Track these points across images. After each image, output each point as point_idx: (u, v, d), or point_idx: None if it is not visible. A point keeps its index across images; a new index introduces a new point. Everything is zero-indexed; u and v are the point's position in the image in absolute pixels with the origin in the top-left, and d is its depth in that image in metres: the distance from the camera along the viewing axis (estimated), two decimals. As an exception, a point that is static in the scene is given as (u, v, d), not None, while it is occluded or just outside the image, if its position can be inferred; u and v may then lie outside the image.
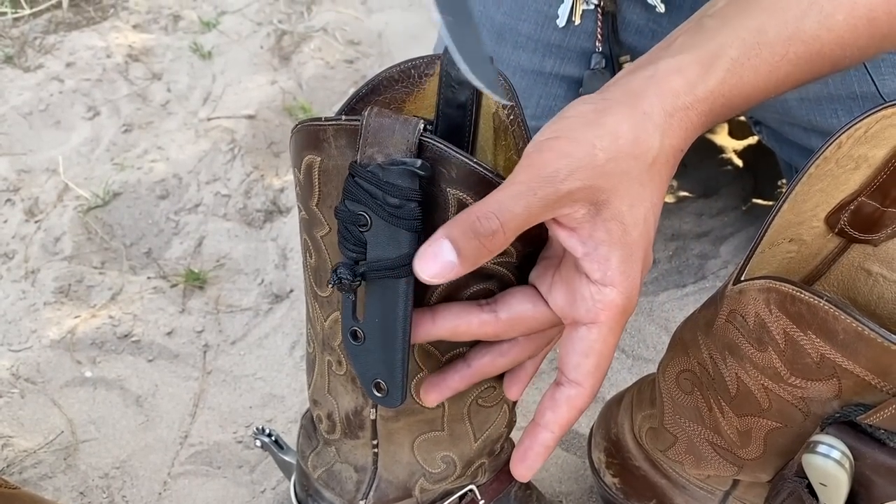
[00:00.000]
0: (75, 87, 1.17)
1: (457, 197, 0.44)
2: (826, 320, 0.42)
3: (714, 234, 1.02)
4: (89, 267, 0.96)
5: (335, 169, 0.46)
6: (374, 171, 0.43)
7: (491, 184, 0.43)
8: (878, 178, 0.52)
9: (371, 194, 0.43)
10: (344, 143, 0.45)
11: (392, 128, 0.43)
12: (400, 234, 0.43)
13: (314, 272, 0.52)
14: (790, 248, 0.56)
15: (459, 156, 0.43)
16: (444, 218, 0.44)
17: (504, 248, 0.41)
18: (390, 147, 0.43)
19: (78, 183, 1.04)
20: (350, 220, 0.44)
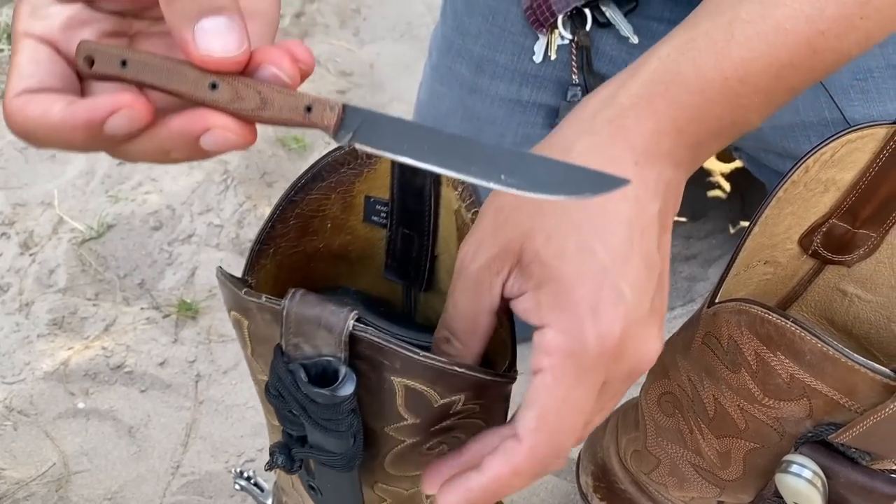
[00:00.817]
0: (71, 121, 1.19)
1: (402, 384, 0.40)
2: (793, 341, 0.43)
3: (702, 257, 1.03)
4: (83, 299, 0.97)
5: (265, 337, 0.42)
6: (296, 374, 0.38)
7: (441, 370, 0.39)
8: (848, 201, 0.53)
9: (297, 400, 0.39)
10: (270, 318, 0.40)
11: (317, 321, 0.38)
12: (333, 440, 0.40)
13: (261, 400, 0.49)
14: (766, 270, 0.57)
15: (400, 349, 0.38)
16: (391, 402, 0.41)
17: (472, 354, 0.39)
18: (317, 340, 0.38)
19: (73, 215, 1.06)
20: (282, 406, 0.41)
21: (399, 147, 0.32)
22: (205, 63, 0.32)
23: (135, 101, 0.32)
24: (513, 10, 0.80)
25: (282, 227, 0.48)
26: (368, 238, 0.54)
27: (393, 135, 0.32)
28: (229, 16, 0.32)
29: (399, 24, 1.41)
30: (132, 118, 0.32)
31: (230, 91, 0.33)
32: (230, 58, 0.32)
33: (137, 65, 0.34)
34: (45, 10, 0.35)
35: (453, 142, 0.31)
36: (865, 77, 0.72)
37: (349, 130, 0.33)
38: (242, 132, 0.33)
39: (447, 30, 0.90)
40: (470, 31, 0.84)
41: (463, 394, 0.41)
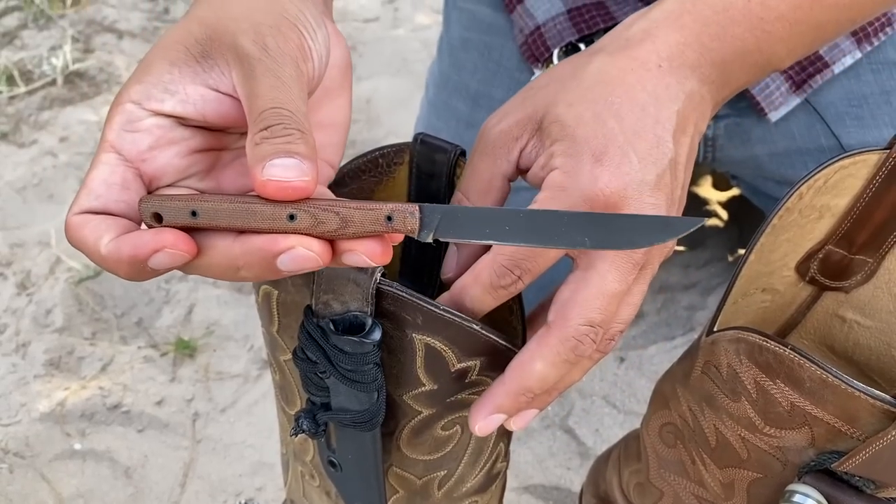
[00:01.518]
0: (69, 160, 1.19)
1: (424, 342, 0.42)
2: (792, 368, 0.42)
3: (701, 286, 1.03)
4: (80, 338, 0.96)
5: (293, 304, 0.45)
6: (326, 327, 0.41)
7: (460, 328, 0.41)
8: (843, 227, 0.53)
9: (324, 351, 0.42)
10: (300, 281, 0.43)
11: (346, 276, 0.41)
12: (358, 393, 0.43)
13: (280, 389, 0.52)
14: (764, 297, 0.57)
15: (423, 302, 0.41)
16: (412, 364, 0.43)
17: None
18: (346, 295, 0.41)
19: (70, 255, 1.06)
20: (309, 369, 0.43)
21: (481, 233, 0.34)
22: (266, 187, 0.33)
23: (177, 242, 0.33)
24: (508, 45, 0.81)
25: None
26: None
27: (472, 223, 0.34)
28: (301, 159, 0.33)
29: (395, 59, 1.43)
30: (174, 257, 0.33)
31: (309, 218, 0.33)
32: (290, 183, 0.33)
33: (209, 212, 0.34)
34: (138, 122, 0.35)
35: (530, 218, 0.33)
36: (860, 103, 0.73)
37: (430, 229, 0.34)
38: (322, 251, 0.34)
39: (443, 65, 0.91)
40: (466, 67, 0.85)
41: (478, 359, 0.43)
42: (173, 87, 0.36)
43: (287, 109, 0.34)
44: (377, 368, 0.42)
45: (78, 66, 1.37)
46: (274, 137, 0.33)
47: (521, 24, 0.78)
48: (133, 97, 0.35)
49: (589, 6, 0.75)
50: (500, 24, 0.82)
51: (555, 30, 0.75)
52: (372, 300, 0.41)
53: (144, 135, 0.35)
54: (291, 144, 0.33)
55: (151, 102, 0.35)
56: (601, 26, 0.74)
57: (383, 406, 0.44)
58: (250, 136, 0.34)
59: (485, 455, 0.54)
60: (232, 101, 0.37)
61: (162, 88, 0.36)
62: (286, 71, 0.35)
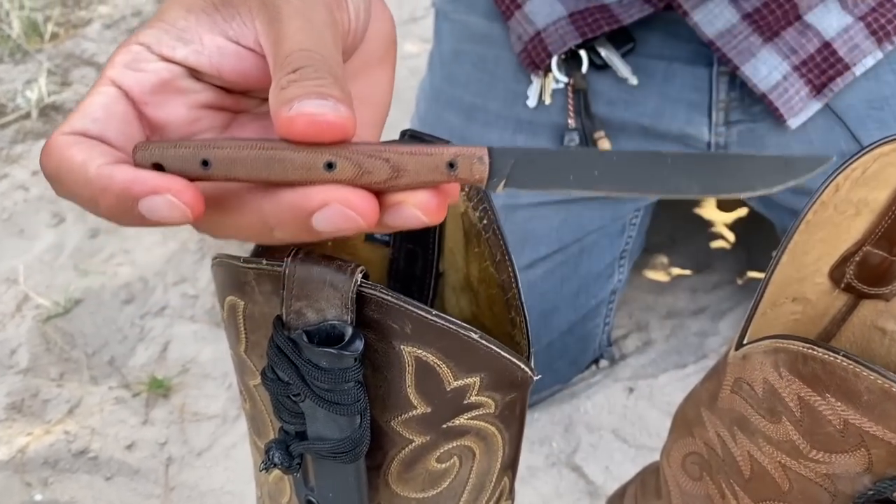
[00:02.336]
0: (40, 194, 1.14)
1: (414, 355, 0.37)
2: (846, 379, 0.36)
3: (711, 311, 0.97)
4: (46, 379, 0.89)
5: (262, 316, 0.39)
6: (298, 340, 0.35)
7: (456, 337, 0.36)
8: (882, 224, 0.47)
9: (297, 368, 0.36)
10: (269, 288, 0.37)
11: (322, 278, 0.35)
12: (338, 417, 0.37)
13: (251, 420, 0.46)
14: (794, 308, 0.51)
15: (412, 307, 0.35)
16: (400, 382, 0.37)
17: None
18: (321, 302, 0.35)
19: (39, 292, 0.99)
20: (280, 391, 0.37)
21: (563, 180, 0.27)
22: (293, 123, 0.26)
23: (184, 192, 0.26)
24: (504, 55, 0.77)
25: None
26: (370, 259, 0.50)
27: (552, 168, 0.28)
28: (336, 102, 0.27)
29: (382, 87, 1.39)
30: (173, 208, 0.27)
31: (351, 167, 0.27)
32: (324, 116, 0.26)
33: (224, 162, 0.27)
34: (144, 63, 0.30)
35: (626, 160, 0.27)
36: (881, 105, 0.68)
37: (501, 177, 0.28)
38: (367, 208, 0.27)
39: (435, 79, 0.86)
40: (459, 80, 0.80)
41: (479, 376, 0.38)
42: (188, 36, 0.30)
43: (318, 53, 0.28)
44: (359, 387, 0.36)
45: (54, 98, 1.32)
46: (304, 80, 0.27)
47: (520, 31, 0.73)
48: (142, 40, 0.30)
49: (591, 9, 0.71)
50: (494, 34, 0.78)
51: (556, 34, 0.71)
52: (352, 306, 0.35)
53: (150, 75, 0.30)
54: (324, 87, 0.27)
55: (162, 48, 0.30)
56: (605, 29, 0.70)
57: (367, 433, 0.38)
58: (275, 82, 0.28)
59: (486, 492, 0.47)
60: (254, 57, 0.31)
61: (175, 35, 0.30)
62: (317, 15, 0.30)
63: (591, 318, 0.82)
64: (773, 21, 0.67)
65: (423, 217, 0.28)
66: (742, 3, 0.67)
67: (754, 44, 0.67)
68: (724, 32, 0.67)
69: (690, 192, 0.27)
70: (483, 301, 0.48)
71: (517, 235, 0.75)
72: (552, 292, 0.78)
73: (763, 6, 0.67)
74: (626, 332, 0.94)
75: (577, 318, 0.80)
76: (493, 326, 0.48)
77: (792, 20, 0.67)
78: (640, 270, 1.02)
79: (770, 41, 0.67)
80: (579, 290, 0.79)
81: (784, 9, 0.66)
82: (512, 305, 0.44)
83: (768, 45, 0.67)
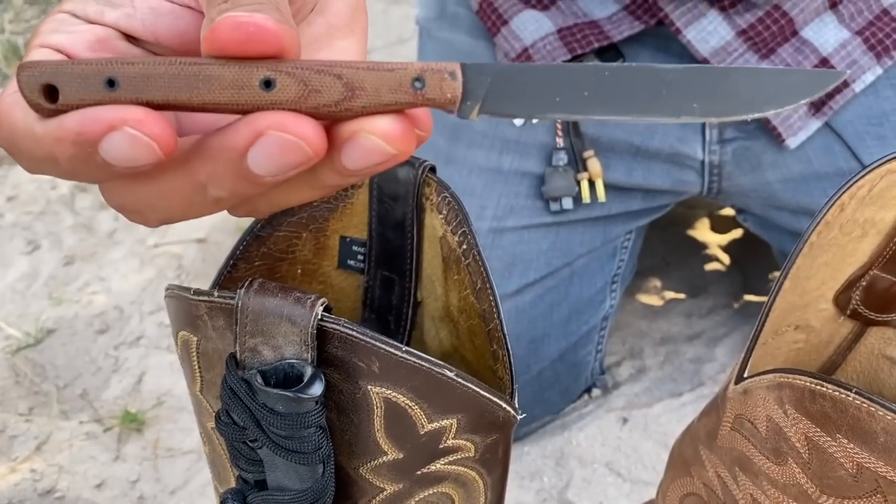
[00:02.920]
0: (15, 220, 1.10)
1: (382, 396, 0.34)
2: (859, 419, 0.33)
3: (707, 336, 0.94)
4: (14, 414, 0.85)
5: (216, 353, 0.36)
6: (252, 381, 0.32)
7: (429, 376, 0.33)
8: (890, 247, 0.44)
9: (252, 413, 0.32)
10: (223, 323, 0.34)
11: (279, 312, 0.32)
12: (298, 466, 0.34)
13: (211, 464, 0.43)
14: (797, 336, 0.48)
15: (379, 343, 0.32)
16: (368, 426, 0.34)
17: None
18: (279, 338, 0.32)
19: (10, 322, 0.96)
20: (236, 437, 0.34)
21: (549, 102, 0.23)
22: (217, 31, 0.22)
23: (147, 119, 0.22)
24: (487, 74, 0.74)
25: (245, 267, 0.42)
26: (343, 289, 0.48)
27: (535, 88, 0.23)
28: (265, 9, 0.23)
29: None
30: (137, 143, 0.22)
31: (295, 84, 0.22)
32: (252, 19, 0.22)
33: (135, 80, 0.23)
34: (72, 27, 0.26)
35: (620, 76, 0.23)
36: (881, 121, 0.66)
37: (476, 99, 0.24)
38: (311, 133, 0.22)
39: None
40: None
41: (456, 417, 0.35)
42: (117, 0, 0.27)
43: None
44: (321, 433, 0.33)
45: (32, 122, 1.29)
46: (237, 7, 0.22)
47: (506, 48, 0.71)
48: (66, 7, 0.27)
49: (581, 25, 0.68)
50: (479, 51, 0.75)
51: (544, 50, 0.68)
52: (313, 342, 0.32)
53: (82, 34, 0.26)
54: (261, 5, 0.22)
55: (88, 13, 0.27)
56: (595, 45, 0.67)
57: (332, 483, 0.35)
58: (207, 13, 0.23)
59: (468, 542, 0.43)
60: (192, 14, 0.27)
61: (103, 0, 0.27)
62: None
63: (582, 345, 0.79)
64: (768, 37, 0.64)
65: (387, 147, 0.23)
66: (736, 19, 0.65)
67: (750, 61, 0.65)
68: (718, 50, 0.65)
69: (692, 115, 0.23)
70: (464, 332, 0.44)
71: (505, 260, 0.72)
72: (542, 319, 0.74)
73: (758, 21, 0.64)
74: (618, 359, 0.91)
75: (568, 345, 0.77)
76: (474, 360, 0.45)
77: (788, 36, 0.65)
78: (632, 295, 0.99)
79: (766, 58, 0.64)
80: (570, 317, 0.76)
81: (779, 24, 0.64)
82: (494, 337, 0.41)
83: (765, 63, 0.65)
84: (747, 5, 0.64)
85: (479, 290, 0.41)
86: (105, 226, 1.10)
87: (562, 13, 0.69)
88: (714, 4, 0.64)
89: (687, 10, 0.64)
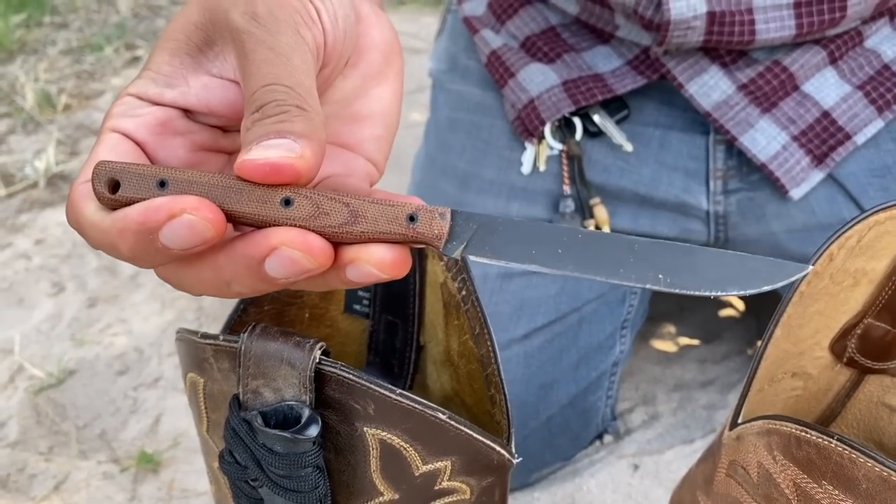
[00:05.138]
0: (42, 263, 1.14)
1: (378, 438, 0.35)
2: (842, 465, 0.33)
3: (720, 382, 0.94)
4: (35, 453, 0.87)
5: (221, 395, 0.38)
6: (253, 422, 0.34)
7: (422, 418, 0.34)
8: (883, 296, 0.45)
9: (252, 452, 0.34)
10: (227, 366, 0.36)
11: (279, 355, 0.34)
12: (299, 500, 0.35)
13: (217, 502, 0.44)
14: (795, 384, 0.48)
15: (375, 386, 0.34)
16: (364, 467, 0.36)
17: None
18: (279, 381, 0.34)
19: (34, 362, 0.98)
20: (238, 476, 0.36)
21: (524, 254, 0.26)
22: (241, 169, 0.27)
23: (201, 206, 0.26)
24: (497, 123, 0.76)
25: (255, 311, 0.44)
26: (349, 332, 0.50)
27: (516, 240, 0.27)
28: (295, 139, 0.27)
29: (388, 156, 1.39)
30: (194, 227, 0.26)
31: (309, 205, 0.27)
32: (267, 160, 0.26)
33: (182, 184, 0.27)
34: (137, 109, 0.31)
35: (592, 241, 0.26)
36: (884, 173, 0.67)
37: (461, 241, 0.27)
38: (318, 252, 0.26)
39: (430, 148, 0.86)
40: (454, 148, 0.80)
41: (450, 459, 0.36)
42: (174, 80, 0.31)
43: (283, 85, 0.28)
44: (318, 473, 0.34)
45: (62, 167, 1.34)
46: (265, 118, 0.27)
47: (514, 99, 0.73)
48: (131, 90, 0.31)
49: (585, 78, 0.70)
50: (488, 103, 0.78)
51: (549, 101, 0.70)
52: (311, 385, 0.34)
53: (147, 117, 0.31)
54: (284, 123, 0.27)
55: (150, 94, 0.31)
56: (598, 98, 0.69)
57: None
58: (244, 122, 0.28)
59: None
60: (238, 87, 0.32)
61: (163, 82, 0.31)
62: (282, 40, 0.30)
63: (592, 391, 0.79)
64: (769, 91, 0.66)
65: (380, 274, 0.27)
66: (737, 74, 0.66)
67: (752, 115, 0.66)
68: (720, 104, 0.66)
69: (656, 284, 0.26)
70: (463, 377, 0.46)
71: (513, 305, 0.73)
72: (551, 364, 0.75)
73: (758, 76, 0.66)
74: (631, 405, 0.91)
75: (577, 391, 0.77)
76: (473, 404, 0.46)
77: (790, 90, 0.66)
78: (646, 340, 0.99)
79: (768, 112, 0.66)
80: (579, 362, 0.77)
81: (780, 79, 0.65)
82: (491, 382, 0.42)
83: (766, 116, 0.66)
84: (748, 61, 0.66)
85: (477, 335, 0.43)
86: (128, 269, 1.13)
87: (567, 66, 0.71)
88: (715, 60, 0.66)
89: (688, 66, 0.66)
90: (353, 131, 0.34)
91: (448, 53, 0.83)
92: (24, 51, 1.74)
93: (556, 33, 0.73)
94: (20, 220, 1.22)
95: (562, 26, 0.74)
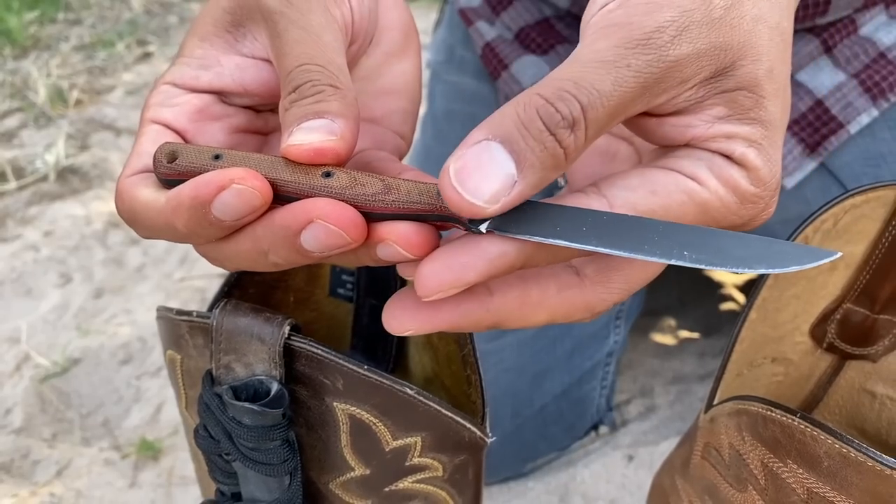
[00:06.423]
0: (50, 254, 1.15)
1: (347, 413, 0.35)
2: (805, 443, 0.33)
3: (719, 376, 0.93)
4: (38, 440, 0.89)
5: (197, 371, 0.38)
6: (224, 396, 0.34)
7: (391, 393, 0.35)
8: (861, 280, 0.45)
9: (223, 426, 0.35)
10: (202, 342, 0.37)
11: (249, 331, 0.34)
12: (266, 478, 0.36)
13: (199, 480, 0.45)
14: (775, 369, 0.48)
15: (343, 362, 0.34)
16: (335, 441, 0.36)
17: (576, 157, 0.26)
18: (250, 356, 0.35)
19: (40, 351, 0.99)
20: (212, 449, 0.36)
21: (551, 230, 0.27)
22: (288, 154, 0.28)
23: (248, 175, 0.27)
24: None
25: (239, 294, 0.44)
26: (334, 316, 0.50)
27: (542, 218, 0.27)
28: (332, 118, 0.29)
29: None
30: (244, 195, 0.27)
31: (346, 177, 0.28)
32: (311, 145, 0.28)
33: (234, 158, 0.29)
34: (175, 98, 0.32)
35: (617, 221, 0.27)
36: (878, 163, 0.66)
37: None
38: (352, 225, 0.27)
39: (427, 139, 0.86)
40: (449, 138, 0.80)
41: (420, 435, 0.36)
42: (207, 62, 0.33)
43: (316, 64, 0.30)
44: (286, 447, 0.35)
45: (71, 161, 1.35)
46: (302, 99, 0.29)
47: (507, 90, 0.73)
48: (167, 79, 0.32)
49: None
50: (483, 93, 0.78)
51: None
52: (280, 360, 0.34)
53: (184, 106, 0.32)
54: (321, 103, 0.29)
55: (186, 80, 0.32)
56: None
57: (299, 495, 0.36)
58: (281, 102, 0.30)
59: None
60: (272, 66, 0.33)
61: (196, 66, 0.32)
62: (313, 19, 0.31)
63: (586, 380, 0.79)
64: None
65: (405, 254, 0.28)
66: None
67: None
68: None
69: (682, 260, 0.26)
70: (442, 358, 0.46)
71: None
72: (544, 352, 0.75)
73: None
74: (628, 397, 0.91)
75: (571, 380, 0.78)
76: (452, 385, 0.46)
77: None
78: (646, 333, 0.99)
79: None
80: (573, 351, 0.77)
81: None
82: (468, 362, 0.42)
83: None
84: None
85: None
86: (134, 260, 1.15)
87: (560, 57, 0.71)
88: None
89: None
90: (380, 106, 0.35)
91: (446, 44, 0.83)
92: (37, 47, 1.77)
93: (550, 25, 0.74)
94: (30, 213, 1.24)
95: (555, 18, 0.74)
